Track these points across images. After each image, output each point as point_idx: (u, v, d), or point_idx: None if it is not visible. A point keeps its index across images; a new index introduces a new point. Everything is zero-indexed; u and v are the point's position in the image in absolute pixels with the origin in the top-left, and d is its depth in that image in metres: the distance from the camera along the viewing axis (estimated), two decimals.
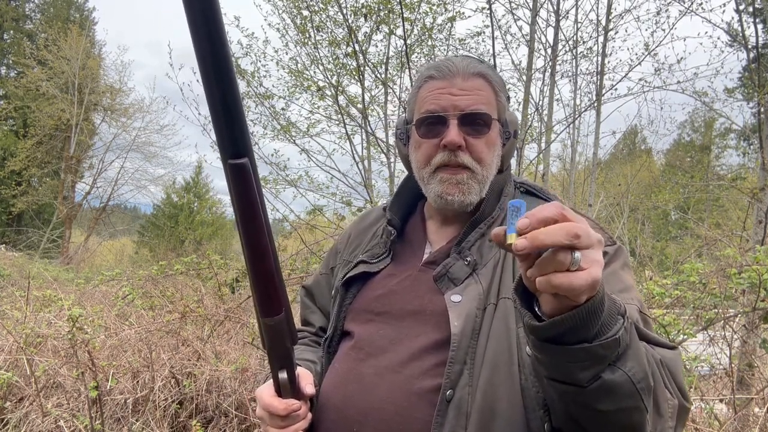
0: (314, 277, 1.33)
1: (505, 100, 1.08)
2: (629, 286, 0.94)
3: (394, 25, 6.76)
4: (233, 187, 0.71)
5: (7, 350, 3.58)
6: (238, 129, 0.67)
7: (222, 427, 3.21)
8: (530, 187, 1.13)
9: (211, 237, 28.04)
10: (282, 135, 7.53)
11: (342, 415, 0.98)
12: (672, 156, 19.21)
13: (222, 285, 4.43)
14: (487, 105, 1.03)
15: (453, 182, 1.03)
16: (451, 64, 1.05)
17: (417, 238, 1.14)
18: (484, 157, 1.03)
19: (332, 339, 1.12)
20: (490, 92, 1.05)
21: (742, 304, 3.20)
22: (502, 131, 1.07)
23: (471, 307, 0.95)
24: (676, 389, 0.82)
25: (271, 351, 0.88)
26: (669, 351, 0.86)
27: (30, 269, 10.02)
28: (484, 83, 1.04)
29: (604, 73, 6.84)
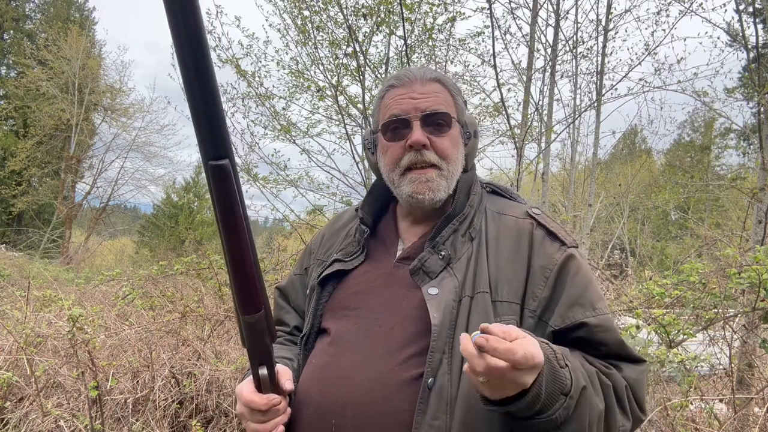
0: (288, 278, 1.36)
1: (462, 103, 1.15)
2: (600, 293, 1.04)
3: (394, 26, 6.76)
4: (213, 188, 0.73)
5: (7, 350, 3.58)
6: (217, 131, 0.69)
7: (222, 427, 3.22)
8: (496, 188, 1.20)
9: (211, 237, 28.01)
10: (282, 135, 7.54)
11: (320, 409, 1.00)
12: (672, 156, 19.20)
13: (222, 285, 4.43)
14: (445, 105, 1.10)
15: (422, 180, 1.07)
16: (408, 73, 1.13)
17: (389, 236, 1.18)
18: (449, 154, 1.09)
19: (309, 336, 1.14)
20: (447, 95, 1.12)
21: (742, 304, 3.20)
22: (462, 131, 1.13)
23: (448, 299, 0.99)
24: (636, 407, 0.98)
25: (251, 348, 0.90)
26: (635, 368, 1.00)
27: (30, 269, 10.03)
28: (440, 87, 1.11)
29: (604, 73, 6.84)
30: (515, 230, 1.07)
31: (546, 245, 1.04)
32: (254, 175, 6.89)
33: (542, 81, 6.42)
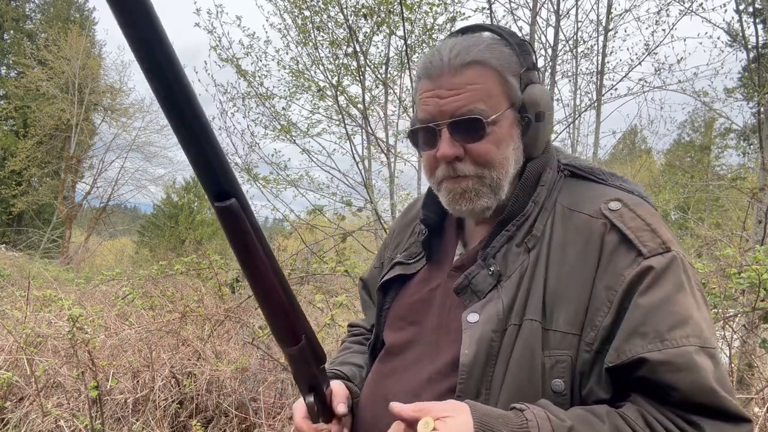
0: (370, 270, 1.26)
1: (516, 79, 0.87)
2: (685, 316, 0.75)
3: (394, 26, 6.76)
4: (224, 229, 0.68)
5: (8, 350, 3.58)
6: (219, 169, 0.64)
7: (222, 427, 3.22)
8: (578, 168, 0.92)
9: (211, 237, 28.01)
10: (283, 135, 7.54)
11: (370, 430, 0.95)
12: (672, 156, 19.20)
13: (222, 285, 4.43)
14: (484, 100, 0.85)
15: (458, 192, 0.89)
16: (436, 58, 0.87)
17: (451, 238, 1.01)
18: (491, 159, 0.87)
19: (375, 346, 1.07)
20: (490, 79, 0.86)
21: (742, 304, 3.20)
22: (517, 118, 0.88)
23: (486, 330, 0.82)
24: None
25: (298, 378, 0.87)
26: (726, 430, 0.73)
27: (30, 269, 10.03)
28: (478, 72, 0.85)
29: (604, 73, 6.83)
30: (586, 234, 0.82)
31: (617, 257, 0.79)
32: (254, 175, 6.90)
33: (542, 81, 6.42)
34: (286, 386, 3.43)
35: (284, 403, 3.28)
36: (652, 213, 0.82)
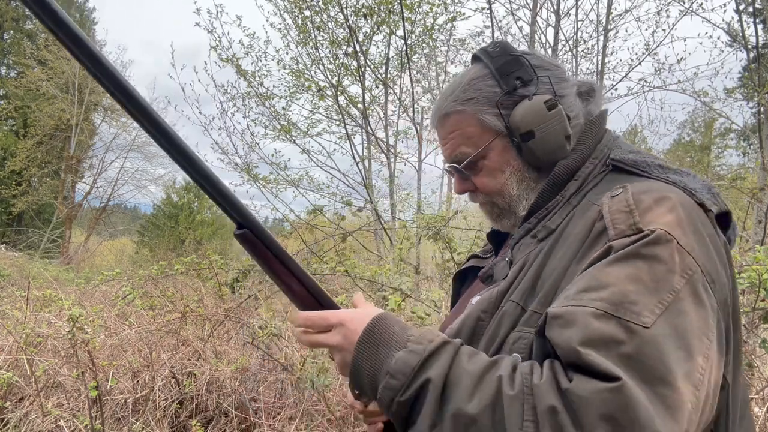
0: None
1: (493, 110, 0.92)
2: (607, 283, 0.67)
3: (394, 26, 6.76)
4: (248, 253, 0.84)
5: (8, 350, 3.58)
6: (230, 208, 0.82)
7: (222, 427, 3.21)
8: (621, 163, 0.87)
9: (211, 237, 28.02)
10: (283, 135, 7.55)
11: None
12: (672, 156, 19.20)
13: (222, 285, 4.43)
14: (465, 143, 0.94)
15: (486, 214, 1.02)
16: (432, 113, 1.01)
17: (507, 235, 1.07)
18: (490, 189, 0.96)
19: None
20: (465, 122, 0.94)
21: (742, 304, 3.20)
22: (509, 143, 0.93)
23: (476, 309, 0.85)
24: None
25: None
26: (591, 385, 0.60)
27: (30, 269, 10.03)
28: (455, 120, 0.95)
29: (604, 73, 6.83)
30: (588, 223, 0.80)
31: (597, 243, 0.76)
32: (254, 175, 6.90)
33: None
34: (286, 386, 3.43)
35: (284, 403, 3.28)
36: (657, 199, 0.74)
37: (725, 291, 0.71)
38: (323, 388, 2.78)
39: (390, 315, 0.80)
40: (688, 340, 0.63)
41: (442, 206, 8.17)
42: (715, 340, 0.66)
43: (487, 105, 0.92)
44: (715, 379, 0.66)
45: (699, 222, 0.73)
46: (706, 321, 0.66)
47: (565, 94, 0.92)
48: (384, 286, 4.37)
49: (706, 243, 0.71)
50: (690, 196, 0.76)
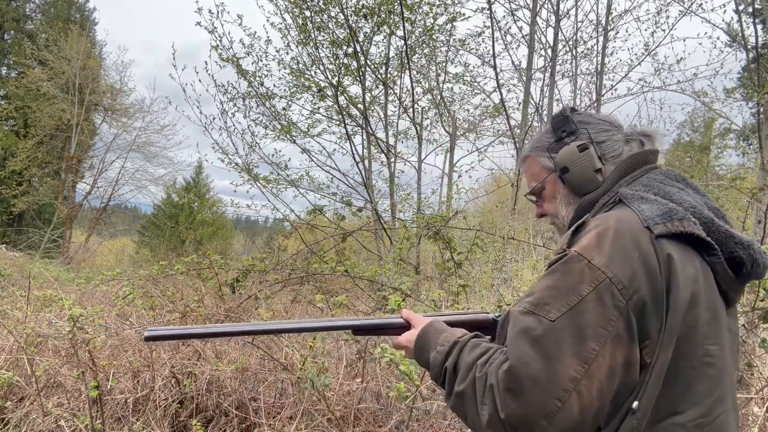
0: None
1: (547, 153, 1.23)
2: (535, 290, 0.95)
3: (395, 26, 6.76)
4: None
5: (8, 350, 3.59)
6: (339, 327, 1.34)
7: (222, 427, 3.22)
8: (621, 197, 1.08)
9: (212, 237, 28.03)
10: (283, 135, 7.55)
11: None
12: (672, 156, 19.20)
13: (222, 285, 4.43)
14: (532, 179, 1.28)
15: (556, 231, 1.31)
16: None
17: None
18: (551, 210, 1.26)
19: None
20: (532, 164, 1.28)
21: (742, 303, 3.20)
22: (556, 176, 1.22)
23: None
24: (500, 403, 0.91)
25: None
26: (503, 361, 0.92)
27: (31, 269, 10.04)
28: (527, 163, 1.29)
29: (604, 73, 6.84)
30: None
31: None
32: (255, 175, 6.91)
33: (542, 81, 6.43)
34: (286, 386, 3.44)
35: (284, 402, 3.29)
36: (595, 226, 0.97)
37: (642, 294, 0.89)
38: (323, 387, 2.79)
39: (430, 325, 1.17)
40: (584, 330, 0.87)
41: (442, 206, 8.18)
42: (613, 331, 0.87)
43: (544, 151, 1.24)
44: (612, 358, 0.87)
45: (630, 242, 0.92)
46: (606, 318, 0.87)
47: (604, 139, 1.18)
48: (384, 286, 4.38)
49: (628, 257, 0.91)
50: (642, 222, 0.96)
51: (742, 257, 0.98)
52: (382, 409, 3.20)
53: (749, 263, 0.98)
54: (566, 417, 0.85)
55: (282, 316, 4.81)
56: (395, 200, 7.37)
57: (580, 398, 0.85)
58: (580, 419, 0.86)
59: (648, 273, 0.90)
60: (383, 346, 2.52)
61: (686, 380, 0.92)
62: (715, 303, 0.97)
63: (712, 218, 0.99)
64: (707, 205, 1.05)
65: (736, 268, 0.99)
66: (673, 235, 0.94)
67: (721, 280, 0.99)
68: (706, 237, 0.96)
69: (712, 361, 0.94)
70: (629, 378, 0.89)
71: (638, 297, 0.89)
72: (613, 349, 0.87)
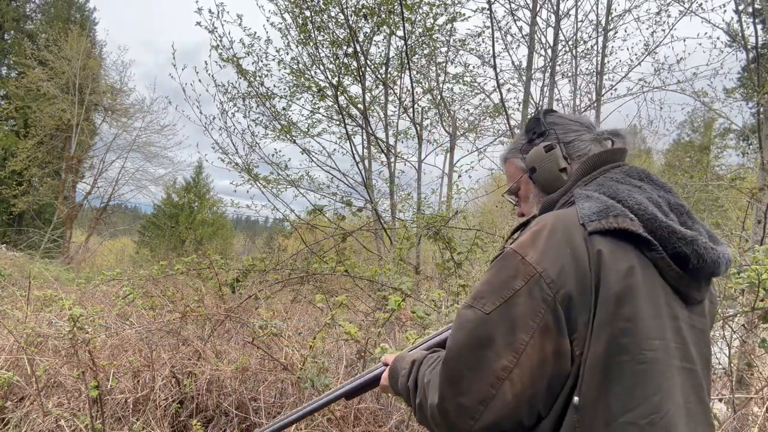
0: None
1: (520, 154, 1.28)
2: (476, 287, 1.02)
3: (395, 26, 6.76)
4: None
5: (8, 350, 3.59)
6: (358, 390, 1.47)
7: (222, 427, 3.22)
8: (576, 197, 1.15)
9: (212, 237, 28.04)
10: (283, 135, 7.55)
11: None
12: (672, 156, 19.19)
13: (222, 285, 4.43)
14: (511, 178, 1.32)
15: None
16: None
17: None
18: (526, 211, 1.29)
19: None
20: (509, 165, 1.32)
21: (741, 303, 3.20)
22: (527, 176, 1.26)
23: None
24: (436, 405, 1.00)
25: None
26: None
27: (31, 269, 10.04)
28: (506, 164, 1.34)
29: (604, 73, 6.84)
30: None
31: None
32: (255, 175, 6.91)
33: (542, 81, 6.43)
34: (286, 386, 3.44)
35: (284, 402, 3.29)
36: (534, 224, 1.03)
37: (569, 288, 0.93)
38: (323, 387, 2.79)
39: (397, 358, 1.27)
40: (515, 322, 0.92)
41: (442, 206, 8.18)
42: (542, 323, 0.92)
43: (518, 152, 1.29)
44: (542, 349, 0.91)
45: (563, 239, 0.97)
46: (534, 311, 0.92)
47: (571, 139, 1.21)
48: (384, 286, 4.38)
49: (559, 254, 0.95)
50: (579, 219, 1.00)
51: (686, 252, 0.98)
52: (382, 409, 3.21)
53: (694, 258, 0.98)
54: (501, 403, 0.91)
55: (282, 316, 4.81)
56: (395, 200, 7.37)
57: (512, 386, 0.91)
58: (515, 406, 0.91)
59: (577, 268, 0.94)
60: (383, 346, 2.53)
61: (633, 376, 0.93)
62: (658, 298, 0.97)
63: (655, 215, 0.99)
64: (668, 202, 1.06)
65: (682, 264, 1.00)
66: (606, 232, 0.97)
67: (668, 276, 1.00)
68: (641, 233, 0.97)
69: (656, 356, 0.95)
70: (560, 368, 0.93)
71: (565, 291, 0.92)
72: (542, 340, 0.91)
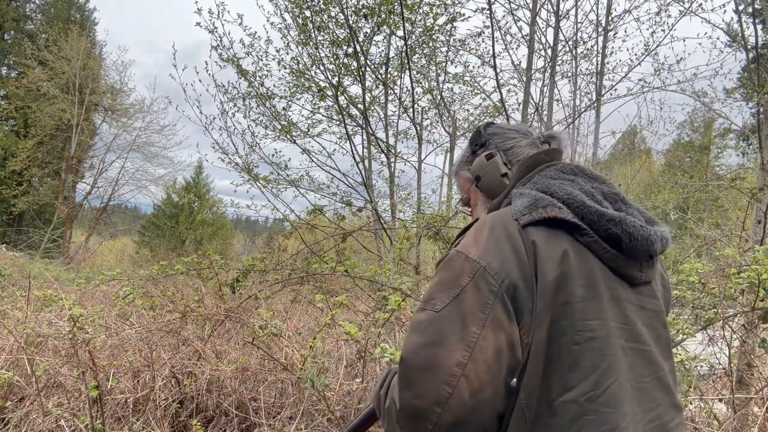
0: None
1: (467, 165, 1.35)
2: (427, 289, 1.04)
3: (395, 26, 6.76)
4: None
5: (8, 350, 3.59)
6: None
7: (222, 427, 3.22)
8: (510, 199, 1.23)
9: (212, 237, 28.05)
10: (283, 135, 7.54)
11: None
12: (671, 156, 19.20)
13: (222, 285, 4.43)
14: (462, 190, 1.39)
15: None
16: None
17: None
18: (474, 215, 1.37)
19: None
20: (460, 179, 1.39)
21: (741, 303, 3.20)
22: (473, 188, 1.34)
23: None
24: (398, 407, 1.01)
25: None
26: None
27: (31, 269, 10.04)
28: (457, 177, 1.40)
29: (604, 73, 6.84)
30: None
31: None
32: (255, 175, 6.90)
33: (542, 81, 6.43)
34: (286, 386, 3.44)
35: (284, 402, 3.29)
36: (476, 228, 1.06)
37: (513, 278, 0.96)
38: (323, 387, 2.79)
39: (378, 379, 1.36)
40: (465, 317, 0.93)
41: (442, 206, 8.18)
42: (491, 314, 0.93)
43: (465, 164, 1.36)
44: (495, 339, 0.92)
45: (502, 234, 1.01)
46: (483, 303, 0.94)
47: (510, 146, 1.28)
48: (384, 286, 4.38)
49: (500, 248, 0.99)
50: (512, 215, 1.05)
51: (617, 233, 1.02)
52: None
53: (626, 237, 1.02)
54: (458, 403, 0.89)
55: (282, 316, 4.81)
56: (395, 200, 7.37)
57: (469, 383, 0.89)
58: (473, 405, 0.90)
59: (518, 260, 0.97)
60: (383, 346, 2.52)
61: (572, 356, 0.95)
62: (594, 281, 1.00)
63: (583, 201, 1.03)
64: (602, 192, 1.11)
65: (616, 245, 1.03)
66: (538, 222, 1.01)
67: (604, 258, 1.03)
68: (570, 218, 1.01)
69: (593, 335, 0.97)
70: (516, 358, 0.93)
71: (509, 281, 0.95)
72: (494, 331, 0.92)
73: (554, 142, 1.29)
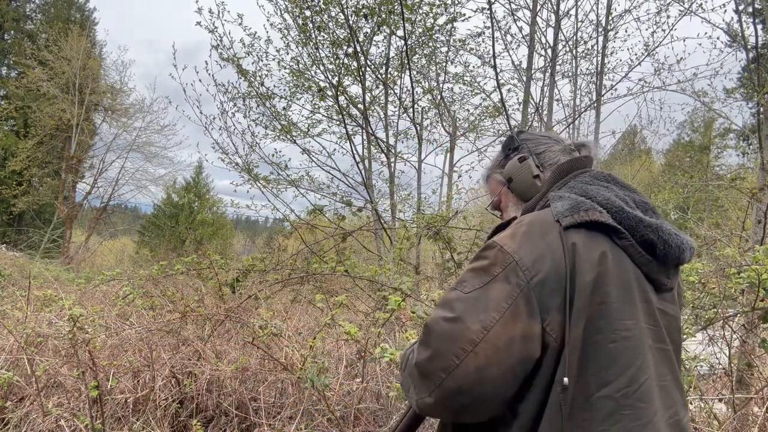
0: None
1: (499, 169, 1.40)
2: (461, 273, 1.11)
3: (395, 26, 6.76)
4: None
5: (8, 350, 3.59)
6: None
7: (222, 427, 3.22)
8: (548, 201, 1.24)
9: (212, 237, 28.05)
10: (283, 135, 7.54)
11: None
12: (672, 156, 19.20)
13: (222, 285, 4.43)
14: (493, 193, 1.44)
15: None
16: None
17: None
18: (505, 217, 1.39)
19: None
20: (491, 182, 1.44)
21: (742, 303, 3.20)
22: (505, 189, 1.38)
23: None
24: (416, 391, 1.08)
25: None
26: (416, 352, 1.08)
27: (31, 269, 10.04)
28: (488, 181, 1.46)
29: (604, 73, 6.84)
30: None
31: None
32: (255, 175, 6.90)
33: (542, 81, 6.43)
34: (286, 386, 3.44)
35: (284, 402, 3.29)
36: (516, 224, 1.12)
37: (543, 275, 1.00)
38: (323, 387, 2.79)
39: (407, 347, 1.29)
40: (489, 302, 0.99)
41: (442, 206, 8.18)
42: (513, 305, 0.98)
43: (497, 168, 1.42)
44: (511, 329, 0.97)
45: (538, 234, 1.06)
46: (508, 294, 0.99)
47: (542, 150, 1.33)
48: (384, 286, 4.37)
49: (535, 245, 1.04)
50: (553, 216, 1.09)
51: (653, 239, 1.07)
52: (382, 409, 3.21)
53: (661, 244, 1.07)
54: (463, 374, 0.96)
55: (282, 316, 4.81)
56: (395, 200, 7.37)
57: (476, 359, 0.96)
58: (476, 377, 0.96)
59: (552, 259, 1.02)
60: (383, 346, 2.52)
61: (608, 354, 1.00)
62: (629, 283, 1.05)
63: (622, 207, 1.08)
64: (633, 200, 1.15)
65: (650, 250, 1.08)
66: (579, 225, 1.05)
67: (638, 261, 1.07)
68: (611, 222, 1.06)
69: (629, 335, 1.02)
70: (527, 351, 0.98)
71: (539, 278, 1.00)
72: (512, 320, 0.98)
73: (585, 150, 1.34)
